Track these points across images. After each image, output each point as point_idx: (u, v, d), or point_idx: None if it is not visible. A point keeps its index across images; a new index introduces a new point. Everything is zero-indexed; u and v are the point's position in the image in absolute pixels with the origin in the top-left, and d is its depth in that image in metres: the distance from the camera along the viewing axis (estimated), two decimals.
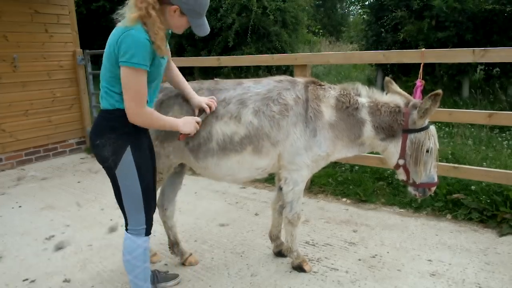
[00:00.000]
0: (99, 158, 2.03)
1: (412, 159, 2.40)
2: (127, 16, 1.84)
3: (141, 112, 1.91)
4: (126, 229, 2.11)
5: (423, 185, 2.46)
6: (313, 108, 2.41)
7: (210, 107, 2.34)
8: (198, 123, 2.25)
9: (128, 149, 1.97)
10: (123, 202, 2.05)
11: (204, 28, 1.99)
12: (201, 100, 2.34)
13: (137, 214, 2.06)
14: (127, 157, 1.97)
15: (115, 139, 1.96)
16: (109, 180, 2.08)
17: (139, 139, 2.04)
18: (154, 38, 1.84)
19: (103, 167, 2.06)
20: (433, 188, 2.50)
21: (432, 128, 2.41)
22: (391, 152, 2.48)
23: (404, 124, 2.38)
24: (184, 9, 1.89)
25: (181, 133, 2.22)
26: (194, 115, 2.33)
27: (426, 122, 2.39)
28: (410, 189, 2.54)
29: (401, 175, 2.54)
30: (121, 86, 1.90)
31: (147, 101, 1.97)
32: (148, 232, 2.12)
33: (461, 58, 3.44)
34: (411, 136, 2.38)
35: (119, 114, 1.95)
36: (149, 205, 2.09)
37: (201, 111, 2.34)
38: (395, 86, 2.57)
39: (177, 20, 1.94)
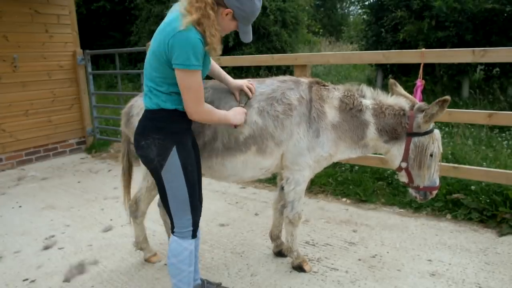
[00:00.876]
0: (144, 159, 2.01)
1: (416, 163, 2.39)
2: (181, 13, 1.79)
3: (201, 110, 1.93)
4: (173, 232, 2.07)
5: (425, 189, 2.46)
6: (316, 109, 2.41)
7: (250, 90, 2.34)
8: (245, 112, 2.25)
9: (174, 149, 1.95)
10: (169, 204, 2.02)
11: (249, 35, 2.00)
12: (241, 83, 2.34)
13: (183, 216, 2.02)
14: (173, 158, 1.94)
15: (160, 139, 1.94)
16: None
17: (184, 139, 2.01)
18: (210, 40, 1.81)
19: (148, 169, 2.05)
20: (435, 192, 2.49)
21: (437, 132, 2.40)
22: (394, 154, 2.48)
23: (408, 128, 2.38)
24: (237, 14, 1.88)
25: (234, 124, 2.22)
26: (233, 103, 2.35)
27: (431, 126, 2.39)
28: (412, 191, 2.54)
29: (403, 178, 2.54)
30: (168, 86, 1.90)
31: None
32: (194, 235, 2.07)
33: (461, 58, 3.44)
34: (415, 140, 2.38)
35: (165, 114, 1.94)
36: (195, 206, 2.05)
37: (241, 94, 2.36)
38: (400, 88, 2.56)
39: (227, 23, 1.92)
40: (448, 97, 2.24)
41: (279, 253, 2.92)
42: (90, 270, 2.86)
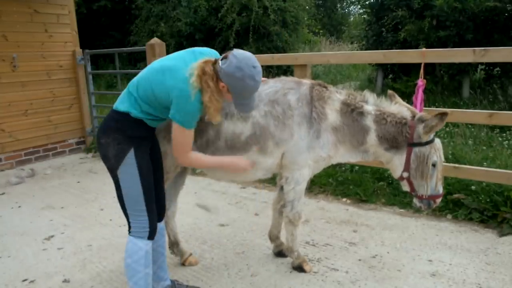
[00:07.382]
0: (102, 157, 2.08)
1: (417, 173, 2.38)
2: (188, 78, 1.91)
3: (186, 157, 2.07)
4: (129, 232, 2.10)
5: (428, 198, 2.44)
6: (317, 110, 2.41)
7: None
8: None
9: (132, 151, 2.01)
10: (125, 204, 2.07)
11: (246, 108, 2.06)
12: None
13: (139, 216, 2.07)
14: (130, 160, 2.01)
15: (120, 140, 2.01)
16: (110, 180, 2.09)
17: (143, 144, 2.09)
18: (208, 106, 1.94)
19: (106, 167, 2.09)
20: (438, 200, 2.46)
21: (438, 141, 2.39)
22: (396, 164, 2.47)
23: (409, 137, 2.37)
24: (231, 89, 1.96)
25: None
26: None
27: (432, 136, 2.38)
28: (415, 201, 2.52)
29: (405, 187, 2.52)
30: (149, 107, 2.02)
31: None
32: (151, 236, 2.10)
33: (461, 57, 3.43)
34: (415, 150, 2.37)
35: (130, 119, 2.02)
36: (151, 207, 2.09)
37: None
38: (399, 99, 2.56)
39: (225, 94, 2.01)
40: (447, 111, 2.27)
41: (279, 253, 2.91)
42: (90, 270, 2.85)
